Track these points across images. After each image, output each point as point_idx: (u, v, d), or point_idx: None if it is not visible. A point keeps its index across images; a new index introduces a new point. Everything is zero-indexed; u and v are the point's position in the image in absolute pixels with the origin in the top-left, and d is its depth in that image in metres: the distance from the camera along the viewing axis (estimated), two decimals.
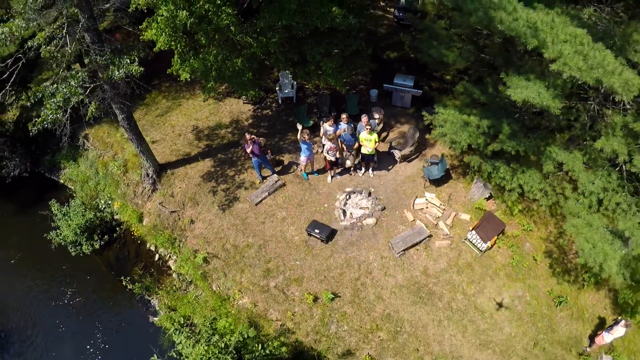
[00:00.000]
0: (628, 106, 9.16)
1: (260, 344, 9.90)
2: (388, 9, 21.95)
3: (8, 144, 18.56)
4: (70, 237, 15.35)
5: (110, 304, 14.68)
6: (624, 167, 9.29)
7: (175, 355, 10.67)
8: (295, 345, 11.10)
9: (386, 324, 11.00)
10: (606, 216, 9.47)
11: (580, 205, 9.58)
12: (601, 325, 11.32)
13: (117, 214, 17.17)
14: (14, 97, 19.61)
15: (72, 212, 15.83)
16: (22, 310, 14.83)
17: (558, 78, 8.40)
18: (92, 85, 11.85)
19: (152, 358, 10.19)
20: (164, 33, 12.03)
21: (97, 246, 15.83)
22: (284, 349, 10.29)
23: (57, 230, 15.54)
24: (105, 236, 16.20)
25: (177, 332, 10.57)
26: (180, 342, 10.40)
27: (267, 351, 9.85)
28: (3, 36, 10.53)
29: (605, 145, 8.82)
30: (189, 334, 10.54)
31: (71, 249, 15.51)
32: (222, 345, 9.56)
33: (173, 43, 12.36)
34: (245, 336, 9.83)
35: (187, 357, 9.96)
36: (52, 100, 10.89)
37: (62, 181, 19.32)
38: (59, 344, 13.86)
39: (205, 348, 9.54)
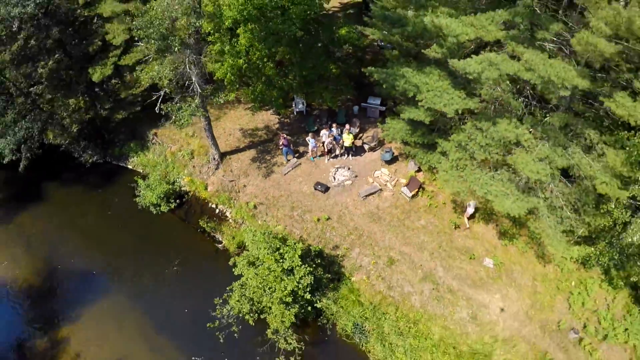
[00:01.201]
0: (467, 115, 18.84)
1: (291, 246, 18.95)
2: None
3: (88, 138, 28.17)
4: (153, 201, 24.98)
5: (184, 241, 24.24)
6: (468, 147, 19.01)
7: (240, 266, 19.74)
8: (307, 245, 20.82)
9: (355, 232, 20.88)
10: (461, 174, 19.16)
11: (449, 166, 19.21)
12: (487, 243, 20.74)
13: (185, 186, 26.94)
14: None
15: (153, 184, 25.41)
16: (114, 251, 24.36)
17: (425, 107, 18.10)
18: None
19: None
20: (228, 73, 21.60)
21: (172, 207, 25.57)
22: (299, 245, 19.55)
23: (141, 197, 25.17)
24: (177, 200, 25.90)
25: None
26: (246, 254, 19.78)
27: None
28: (153, 74, 20.20)
29: (458, 138, 18.55)
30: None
31: (153, 209, 25.26)
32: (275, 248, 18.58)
33: (232, 78, 21.74)
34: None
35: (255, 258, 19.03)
36: (181, 113, 20.58)
37: (131, 166, 29.21)
38: (145, 269, 23.34)
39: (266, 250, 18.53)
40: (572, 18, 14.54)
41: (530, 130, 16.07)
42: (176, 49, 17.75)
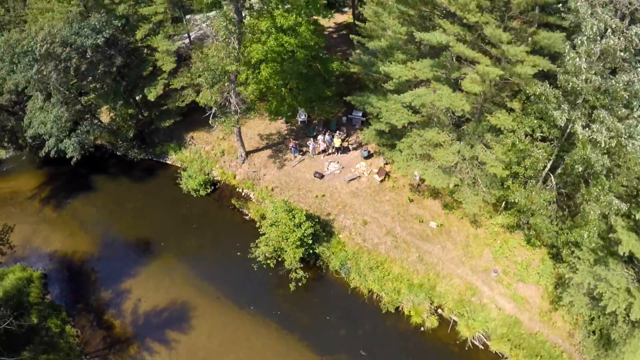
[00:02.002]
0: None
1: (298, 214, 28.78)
2: None
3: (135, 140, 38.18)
4: (194, 187, 34.71)
5: (219, 215, 34.09)
6: (413, 147, 28.64)
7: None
8: (309, 212, 30.40)
9: (341, 204, 30.63)
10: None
11: (402, 159, 28.73)
12: (433, 212, 30.53)
13: (217, 176, 36.63)
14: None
15: (193, 175, 35.12)
16: (162, 225, 33.99)
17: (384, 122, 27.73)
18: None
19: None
20: (251, 94, 31.40)
21: (208, 191, 35.30)
22: (304, 210, 29.17)
23: (183, 184, 35.13)
24: (212, 186, 35.62)
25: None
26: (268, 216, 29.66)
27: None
28: (208, 98, 29.94)
29: (407, 141, 28.12)
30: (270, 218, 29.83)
31: (193, 193, 34.98)
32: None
33: (254, 97, 31.63)
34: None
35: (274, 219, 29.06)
36: (226, 124, 30.28)
37: (170, 162, 38.94)
38: (189, 236, 33.04)
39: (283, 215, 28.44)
40: (468, 67, 24.22)
41: (449, 134, 25.77)
42: (225, 83, 27.46)
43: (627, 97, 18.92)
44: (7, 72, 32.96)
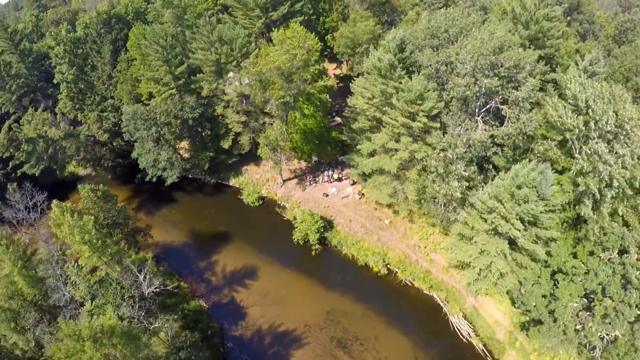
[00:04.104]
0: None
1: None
2: None
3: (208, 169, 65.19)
4: (252, 200, 61.47)
5: (267, 217, 61.03)
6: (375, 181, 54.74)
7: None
8: (321, 215, 56.48)
9: (337, 211, 56.97)
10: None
11: (369, 186, 54.63)
12: (387, 215, 56.74)
13: (265, 194, 63.19)
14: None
15: (249, 193, 61.72)
16: (231, 223, 60.82)
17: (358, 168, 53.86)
18: None
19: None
20: (288, 148, 57.76)
21: (260, 203, 62.03)
22: (318, 214, 55.20)
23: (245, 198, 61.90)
24: (261, 200, 62.21)
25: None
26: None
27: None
28: (267, 153, 56.37)
29: (373, 176, 54.10)
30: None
31: (251, 204, 61.72)
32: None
33: (288, 149, 57.97)
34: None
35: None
36: (274, 166, 56.48)
37: (231, 184, 65.72)
38: (250, 230, 59.75)
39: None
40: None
41: (392, 179, 51.85)
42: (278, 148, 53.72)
43: None
44: (133, 128, 58.84)
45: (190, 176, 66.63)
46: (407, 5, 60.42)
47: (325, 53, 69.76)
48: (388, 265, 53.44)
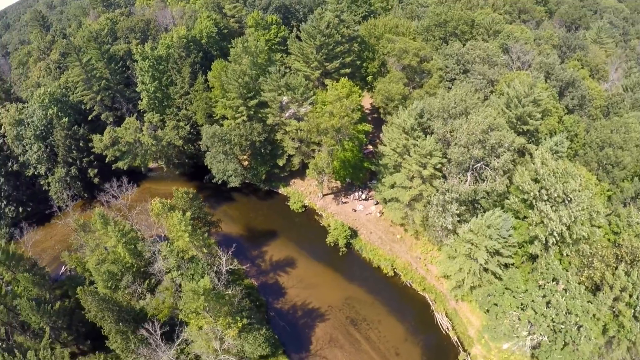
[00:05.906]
0: None
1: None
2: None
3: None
4: (297, 208, 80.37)
5: (308, 221, 79.95)
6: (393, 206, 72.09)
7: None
8: (349, 226, 74.47)
9: (361, 224, 74.91)
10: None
11: (389, 208, 71.94)
12: (399, 231, 74.12)
13: (307, 203, 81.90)
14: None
15: (295, 201, 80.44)
16: (280, 225, 79.99)
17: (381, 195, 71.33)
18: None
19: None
20: (330, 172, 75.98)
21: (303, 210, 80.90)
22: (347, 225, 73.18)
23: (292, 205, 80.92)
24: (304, 208, 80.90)
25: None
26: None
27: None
28: (315, 174, 74.77)
29: (393, 201, 71.45)
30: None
31: (296, 210, 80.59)
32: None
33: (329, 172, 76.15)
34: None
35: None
36: (318, 185, 74.79)
37: (280, 192, 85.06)
38: (294, 230, 78.72)
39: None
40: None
41: (405, 208, 69.15)
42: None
43: None
44: (210, 144, 77.78)
45: (247, 181, 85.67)
46: (433, 68, 76.85)
47: (367, 87, 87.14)
48: (395, 269, 70.92)
